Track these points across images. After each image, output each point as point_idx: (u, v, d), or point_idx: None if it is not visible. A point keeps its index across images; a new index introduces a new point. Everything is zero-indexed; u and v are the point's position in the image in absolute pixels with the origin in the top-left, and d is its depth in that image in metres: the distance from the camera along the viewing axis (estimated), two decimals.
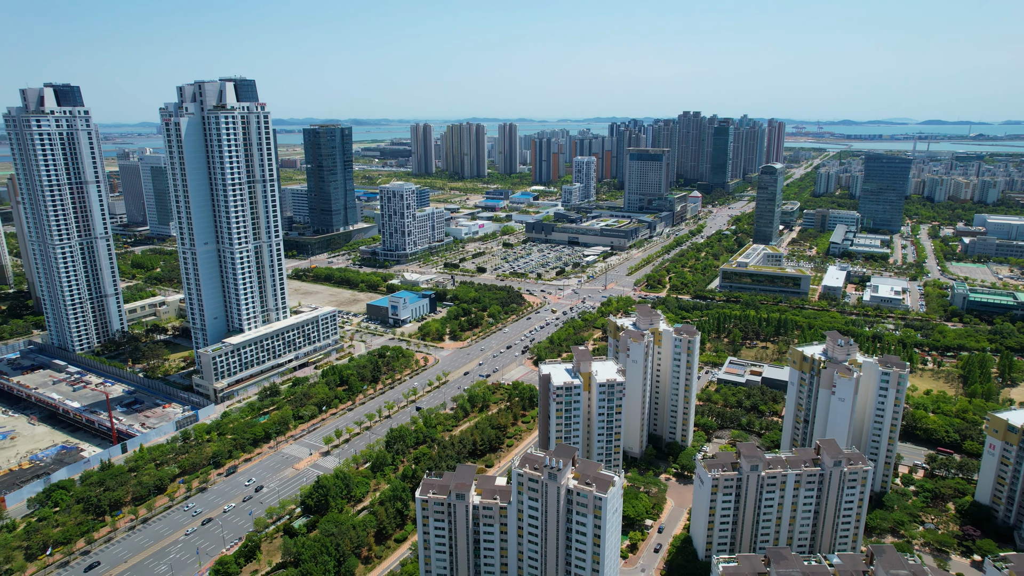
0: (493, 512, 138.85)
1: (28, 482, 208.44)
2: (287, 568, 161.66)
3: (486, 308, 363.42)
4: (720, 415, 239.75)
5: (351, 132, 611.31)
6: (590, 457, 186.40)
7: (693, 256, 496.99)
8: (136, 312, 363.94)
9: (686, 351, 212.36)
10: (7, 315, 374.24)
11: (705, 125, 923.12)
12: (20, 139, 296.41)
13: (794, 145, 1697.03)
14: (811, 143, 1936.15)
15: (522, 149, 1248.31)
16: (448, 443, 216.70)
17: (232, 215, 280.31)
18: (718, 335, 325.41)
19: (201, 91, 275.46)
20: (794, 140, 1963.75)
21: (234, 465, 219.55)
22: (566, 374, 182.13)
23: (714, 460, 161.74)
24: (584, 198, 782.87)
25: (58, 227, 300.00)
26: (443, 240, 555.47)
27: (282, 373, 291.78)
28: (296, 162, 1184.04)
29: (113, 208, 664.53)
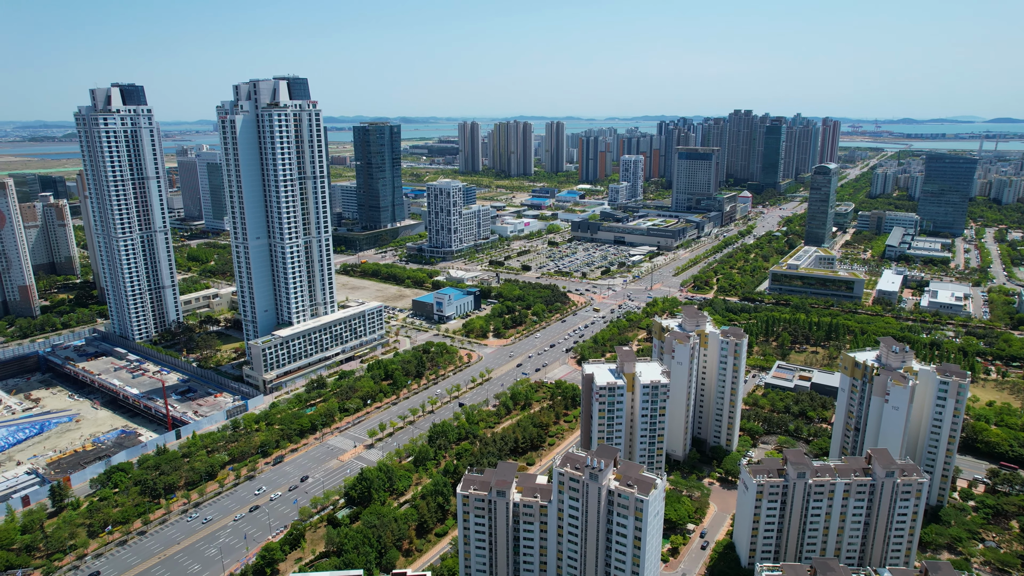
0: (533, 510, 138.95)
1: (91, 463, 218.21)
2: (330, 557, 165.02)
3: (530, 306, 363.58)
4: (767, 420, 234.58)
5: (400, 130, 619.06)
6: (632, 459, 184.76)
7: (742, 257, 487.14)
8: (191, 304, 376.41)
9: (732, 354, 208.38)
10: (74, 304, 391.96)
11: (756, 124, 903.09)
12: (89, 137, 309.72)
13: (849, 145, 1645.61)
14: (868, 142, 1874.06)
15: (569, 148, 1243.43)
16: (490, 440, 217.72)
17: (283, 211, 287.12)
18: (766, 338, 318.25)
19: (256, 89, 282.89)
20: (850, 139, 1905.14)
21: (281, 455, 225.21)
22: (609, 374, 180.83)
23: (759, 466, 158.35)
24: (631, 197, 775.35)
25: (121, 221, 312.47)
26: (488, 238, 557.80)
27: (329, 366, 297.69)
28: (346, 159, 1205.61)
29: (171, 203, 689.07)
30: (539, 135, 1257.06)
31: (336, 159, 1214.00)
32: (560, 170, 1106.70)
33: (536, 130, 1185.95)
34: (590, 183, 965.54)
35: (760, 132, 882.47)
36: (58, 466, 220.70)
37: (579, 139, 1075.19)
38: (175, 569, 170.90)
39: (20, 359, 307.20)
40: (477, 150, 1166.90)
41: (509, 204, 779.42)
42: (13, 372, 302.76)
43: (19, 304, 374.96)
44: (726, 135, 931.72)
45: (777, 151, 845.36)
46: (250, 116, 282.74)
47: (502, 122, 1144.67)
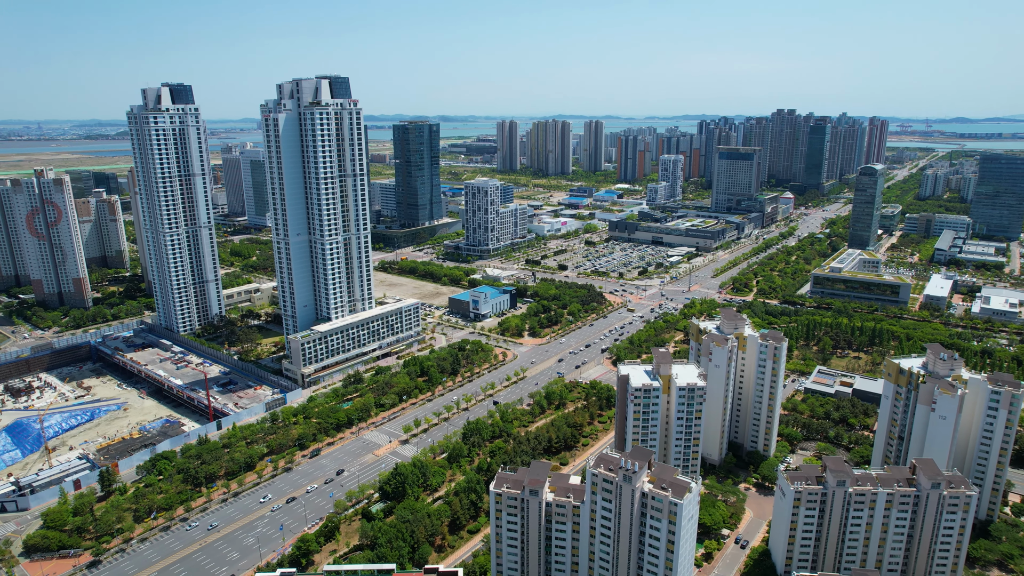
0: (566, 510, 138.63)
1: (137, 451, 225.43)
2: (364, 550, 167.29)
3: (566, 306, 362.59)
4: (806, 426, 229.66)
5: (439, 128, 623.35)
6: (667, 461, 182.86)
7: (783, 259, 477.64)
8: (233, 298, 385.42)
9: (772, 358, 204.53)
10: (123, 296, 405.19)
11: (800, 123, 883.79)
12: (140, 134, 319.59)
13: (898, 145, 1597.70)
14: (917, 142, 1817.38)
15: (607, 147, 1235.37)
16: (524, 439, 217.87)
17: (324, 208, 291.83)
18: (807, 342, 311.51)
19: (298, 88, 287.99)
20: (898, 139, 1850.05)
21: (318, 448, 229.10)
22: (645, 376, 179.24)
23: (797, 472, 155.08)
24: (670, 197, 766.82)
25: (168, 216, 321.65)
26: (525, 236, 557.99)
27: (366, 361, 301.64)
28: (385, 157, 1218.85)
29: (215, 199, 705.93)
30: (577, 134, 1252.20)
31: (376, 157, 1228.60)
32: (598, 169, 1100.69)
33: (575, 129, 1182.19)
34: (628, 183, 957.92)
35: (804, 132, 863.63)
36: (107, 452, 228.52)
37: (618, 138, 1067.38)
38: (215, 556, 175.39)
39: (73, 348, 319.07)
40: (515, 149, 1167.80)
41: (546, 203, 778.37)
42: (67, 361, 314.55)
43: (73, 296, 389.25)
44: (768, 135, 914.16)
45: (821, 151, 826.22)
46: (292, 114, 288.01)
47: (540, 121, 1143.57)
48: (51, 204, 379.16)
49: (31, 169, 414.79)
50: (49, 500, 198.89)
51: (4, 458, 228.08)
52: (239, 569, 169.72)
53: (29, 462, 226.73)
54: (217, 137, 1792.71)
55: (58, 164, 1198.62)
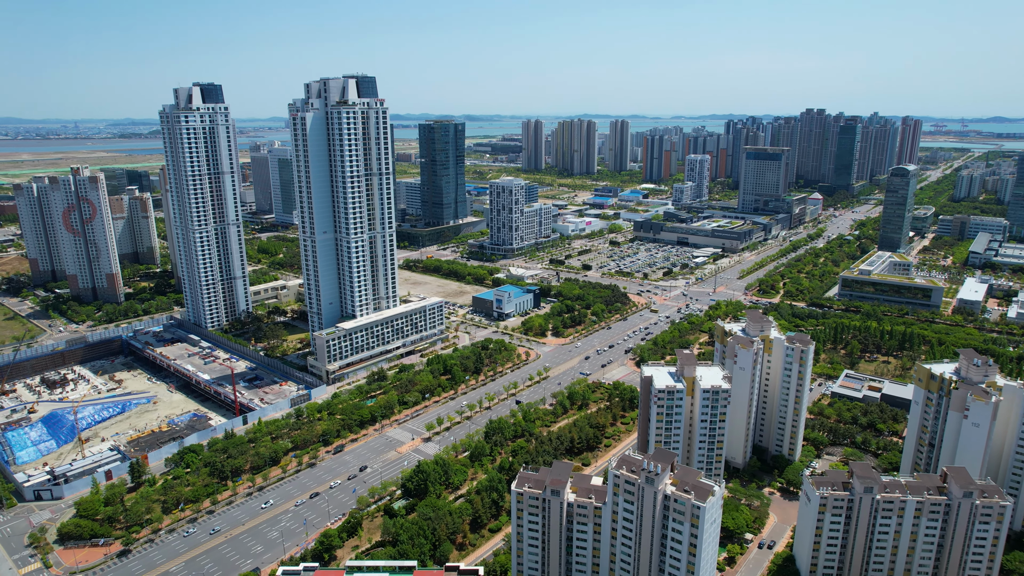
0: (587, 511, 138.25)
1: (166, 443, 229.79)
2: (385, 547, 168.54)
3: (590, 306, 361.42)
4: (832, 431, 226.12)
5: (464, 128, 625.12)
6: (690, 464, 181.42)
7: (810, 261, 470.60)
8: (260, 294, 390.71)
9: (798, 361, 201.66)
10: (154, 292, 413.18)
11: (830, 123, 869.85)
12: (171, 133, 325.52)
13: (932, 145, 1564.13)
14: (952, 143, 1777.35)
15: (633, 146, 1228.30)
16: (546, 438, 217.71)
17: (350, 206, 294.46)
18: (834, 346, 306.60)
19: (326, 88, 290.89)
20: (932, 139, 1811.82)
21: (341, 444, 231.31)
22: (669, 377, 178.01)
23: (823, 477, 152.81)
24: (696, 197, 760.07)
25: (197, 213, 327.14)
26: (549, 236, 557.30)
27: (389, 359, 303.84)
28: (411, 156, 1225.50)
29: (244, 197, 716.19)
30: (603, 134, 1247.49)
31: (401, 156, 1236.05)
32: (624, 169, 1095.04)
33: (600, 128, 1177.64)
34: (654, 183, 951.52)
35: (833, 132, 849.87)
36: (137, 444, 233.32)
37: (644, 138, 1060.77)
38: (240, 549, 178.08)
39: (106, 342, 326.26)
40: (540, 148, 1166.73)
41: (571, 203, 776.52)
42: (100, 354, 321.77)
43: (106, 291, 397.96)
44: (797, 135, 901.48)
45: (851, 152, 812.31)
46: (320, 113, 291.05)
47: (566, 120, 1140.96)
48: (86, 201, 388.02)
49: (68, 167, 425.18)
50: (82, 490, 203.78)
51: (40, 448, 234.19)
52: (263, 562, 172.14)
53: (63, 452, 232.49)
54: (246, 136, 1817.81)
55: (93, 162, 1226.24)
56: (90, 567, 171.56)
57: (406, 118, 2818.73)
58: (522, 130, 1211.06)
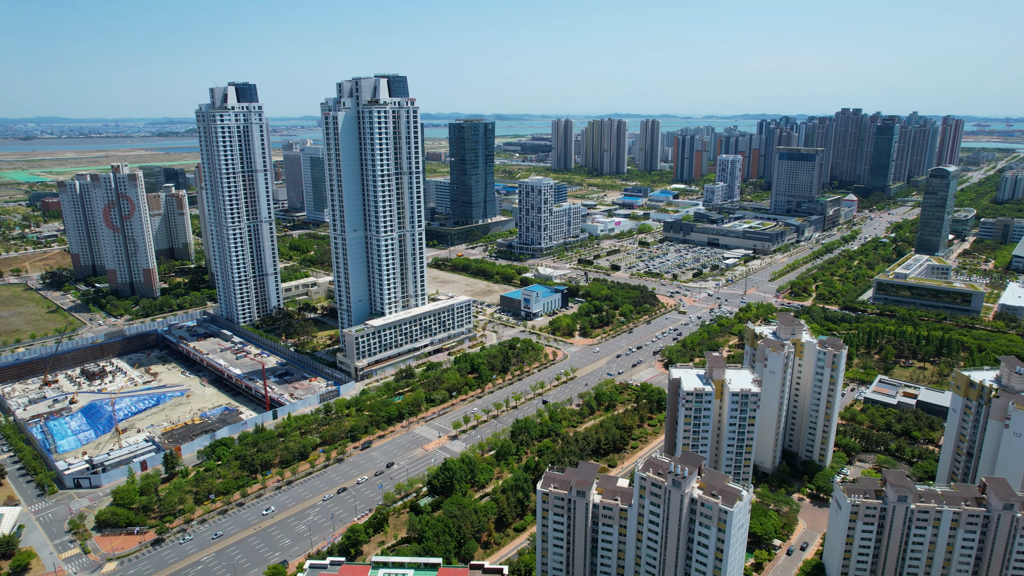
0: (613, 513, 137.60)
1: (198, 436, 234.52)
2: (411, 543, 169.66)
3: (618, 306, 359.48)
4: (865, 437, 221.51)
5: (494, 127, 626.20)
6: (718, 468, 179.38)
7: (844, 264, 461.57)
8: (291, 291, 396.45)
9: (830, 365, 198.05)
10: (188, 287, 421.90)
11: (866, 123, 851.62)
12: (207, 132, 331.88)
13: (974, 145, 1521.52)
14: (996, 143, 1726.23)
15: (664, 146, 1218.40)
16: (572, 439, 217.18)
17: (380, 205, 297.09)
18: (868, 351, 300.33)
19: (357, 87, 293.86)
20: (975, 139, 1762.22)
21: (369, 440, 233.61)
22: (697, 380, 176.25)
23: (855, 485, 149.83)
24: (727, 198, 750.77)
25: (231, 210, 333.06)
26: (578, 236, 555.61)
27: (417, 357, 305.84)
28: (441, 155, 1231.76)
29: (276, 195, 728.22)
30: (633, 133, 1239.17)
31: (431, 155, 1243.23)
32: (654, 169, 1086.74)
33: (630, 128, 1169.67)
34: (685, 183, 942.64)
35: (870, 132, 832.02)
36: (171, 436, 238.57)
37: (675, 138, 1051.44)
38: (269, 541, 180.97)
39: (142, 336, 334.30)
40: (570, 148, 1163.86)
41: (600, 203, 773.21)
42: (136, 347, 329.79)
43: (143, 286, 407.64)
44: (831, 135, 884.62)
45: (888, 152, 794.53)
46: (351, 113, 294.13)
47: (596, 120, 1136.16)
48: (125, 198, 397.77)
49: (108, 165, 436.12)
50: (118, 479, 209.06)
51: (80, 437, 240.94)
52: (291, 555, 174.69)
53: (101, 442, 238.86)
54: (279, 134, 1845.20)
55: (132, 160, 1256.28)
56: (126, 554, 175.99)
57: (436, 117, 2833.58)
58: (552, 129, 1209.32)
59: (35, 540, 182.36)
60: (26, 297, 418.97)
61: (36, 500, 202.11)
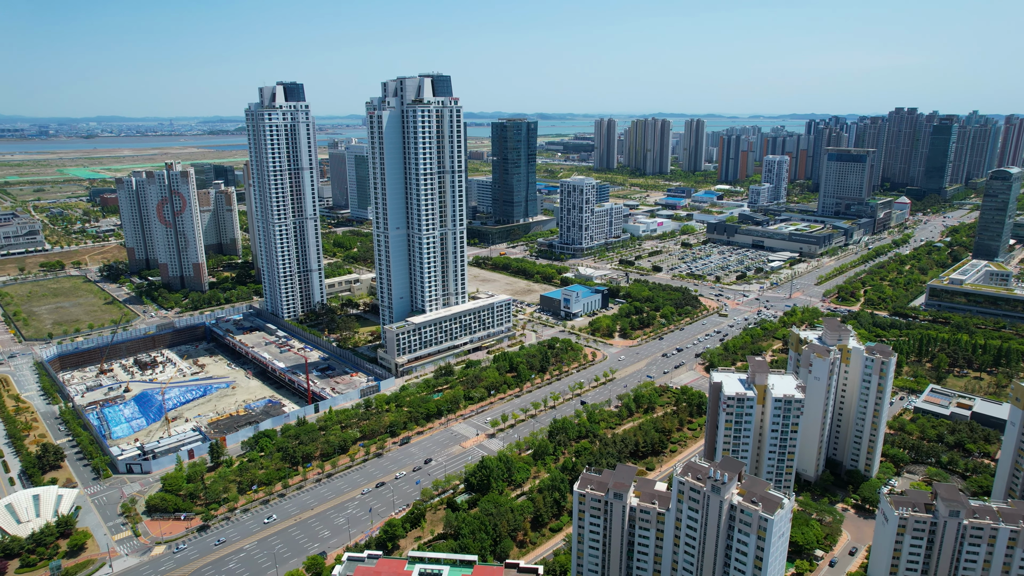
0: (650, 516, 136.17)
1: (242, 427, 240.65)
2: (447, 539, 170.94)
3: (659, 308, 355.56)
4: (915, 448, 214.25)
5: (536, 126, 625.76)
6: (758, 474, 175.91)
7: (895, 268, 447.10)
8: (334, 287, 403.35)
9: (878, 373, 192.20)
10: (235, 282, 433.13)
11: (922, 123, 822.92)
12: (255, 130, 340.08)
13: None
14: None
15: (708, 146, 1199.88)
16: (610, 441, 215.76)
17: (422, 203, 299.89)
18: (919, 359, 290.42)
19: (402, 86, 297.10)
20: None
21: (408, 436, 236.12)
22: (739, 384, 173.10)
23: (903, 497, 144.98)
24: (773, 199, 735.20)
25: (278, 207, 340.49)
26: (620, 236, 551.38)
27: (456, 354, 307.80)
28: (483, 154, 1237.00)
29: (321, 192, 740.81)
30: (677, 133, 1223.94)
31: (474, 154, 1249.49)
32: (698, 169, 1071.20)
33: (674, 128, 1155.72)
34: (729, 184, 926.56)
35: (926, 132, 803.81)
36: (217, 426, 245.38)
37: (720, 137, 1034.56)
38: (308, 532, 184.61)
39: (191, 328, 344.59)
40: (612, 147, 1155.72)
41: (643, 203, 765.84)
42: (185, 339, 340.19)
43: (193, 279, 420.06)
44: (884, 135, 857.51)
45: (945, 153, 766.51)
46: (395, 112, 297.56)
47: (639, 119, 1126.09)
48: (177, 194, 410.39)
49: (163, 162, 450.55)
50: (167, 466, 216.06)
51: (132, 424, 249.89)
52: (330, 546, 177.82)
53: (152, 430, 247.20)
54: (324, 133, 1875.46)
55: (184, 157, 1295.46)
56: (173, 539, 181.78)
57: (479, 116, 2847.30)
58: (595, 129, 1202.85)
59: (90, 521, 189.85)
60: (85, 289, 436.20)
61: (92, 483, 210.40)
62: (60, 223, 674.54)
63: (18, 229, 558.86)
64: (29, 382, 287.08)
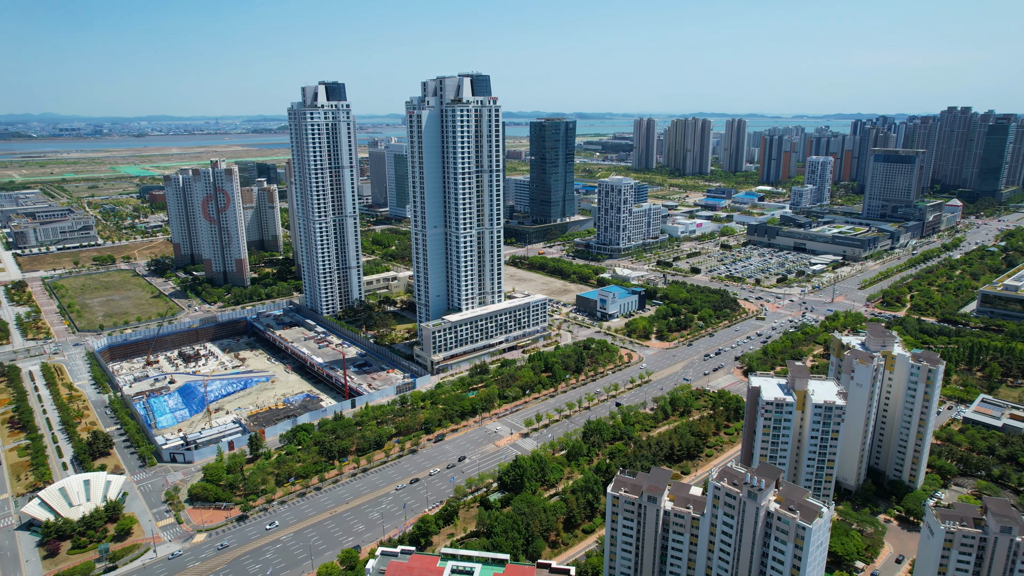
0: (684, 521, 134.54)
1: (281, 420, 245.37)
2: (479, 537, 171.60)
3: (697, 310, 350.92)
4: (963, 460, 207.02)
5: (575, 126, 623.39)
6: (796, 482, 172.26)
7: (944, 273, 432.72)
8: (372, 284, 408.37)
9: (924, 381, 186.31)
10: (276, 278, 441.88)
11: (976, 123, 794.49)
12: (298, 129, 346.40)
13: None
14: None
15: (750, 147, 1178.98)
16: (645, 443, 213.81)
17: (460, 202, 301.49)
18: (968, 367, 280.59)
19: (441, 86, 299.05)
20: None
21: (442, 433, 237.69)
22: (778, 389, 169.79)
23: (951, 510, 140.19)
24: (816, 201, 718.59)
25: (318, 205, 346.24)
26: (658, 237, 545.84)
27: (492, 353, 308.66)
28: (521, 153, 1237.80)
29: (360, 190, 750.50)
30: (718, 133, 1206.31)
31: (512, 153, 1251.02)
32: (739, 170, 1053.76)
33: (715, 128, 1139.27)
34: (771, 185, 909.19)
35: (980, 132, 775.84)
36: (256, 419, 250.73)
37: (762, 138, 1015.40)
38: (343, 525, 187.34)
39: (233, 323, 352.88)
40: (652, 147, 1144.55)
41: (682, 203, 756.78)
42: (227, 333, 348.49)
43: (235, 275, 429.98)
44: (935, 136, 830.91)
45: (1001, 154, 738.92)
46: (435, 111, 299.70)
47: (679, 119, 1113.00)
48: (222, 191, 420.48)
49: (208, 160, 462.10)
50: (208, 456, 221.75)
51: (176, 415, 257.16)
52: (364, 540, 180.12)
53: (194, 421, 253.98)
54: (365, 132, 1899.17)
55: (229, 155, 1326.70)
56: (213, 527, 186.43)
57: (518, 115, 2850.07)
58: (634, 128, 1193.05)
59: (136, 507, 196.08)
60: (134, 283, 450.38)
61: (138, 470, 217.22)
62: (112, 219, 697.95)
63: (73, 224, 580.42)
64: (81, 371, 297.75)
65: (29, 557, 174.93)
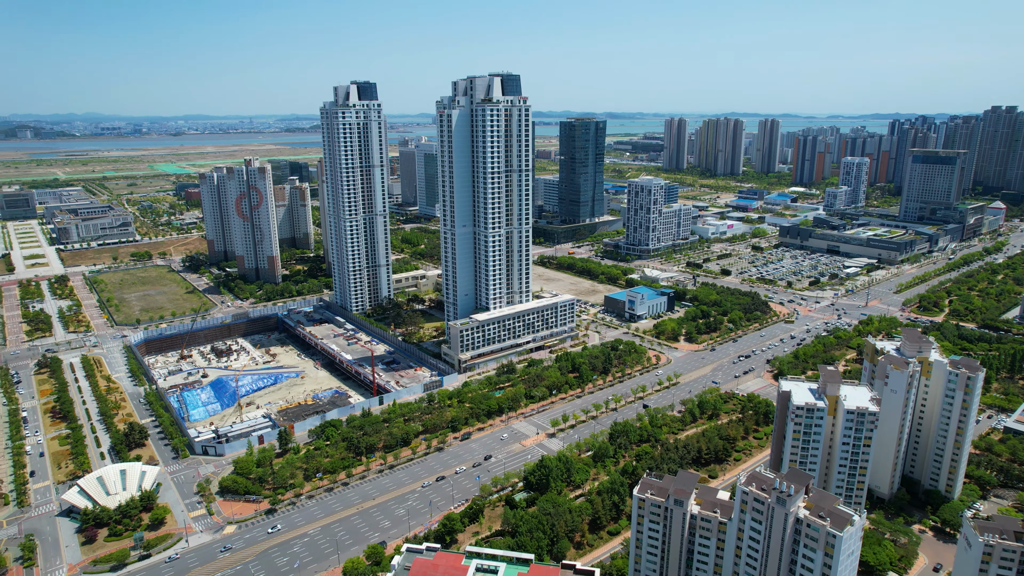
0: (711, 525, 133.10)
1: (310, 416, 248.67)
2: (504, 536, 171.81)
3: (727, 312, 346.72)
4: (1004, 471, 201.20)
5: (605, 126, 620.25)
6: (827, 488, 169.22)
7: (985, 278, 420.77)
8: (400, 283, 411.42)
9: (963, 388, 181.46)
10: (307, 275, 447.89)
11: (1022, 122, 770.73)
12: (329, 128, 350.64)
13: None
14: None
15: (783, 147, 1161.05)
16: (672, 446, 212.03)
17: (489, 201, 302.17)
18: (1011, 375, 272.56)
19: (472, 85, 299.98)
20: None
21: (469, 432, 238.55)
22: (809, 394, 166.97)
23: (990, 523, 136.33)
24: (851, 203, 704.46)
25: (349, 203, 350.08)
26: (688, 238, 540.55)
27: (519, 353, 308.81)
28: (551, 153, 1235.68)
29: (391, 189, 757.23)
30: (750, 133, 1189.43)
31: (541, 153, 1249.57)
32: (771, 171, 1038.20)
33: (747, 128, 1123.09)
34: (804, 186, 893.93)
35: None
36: (285, 414, 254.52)
37: (795, 138, 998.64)
38: (369, 521, 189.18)
39: (264, 319, 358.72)
40: (682, 147, 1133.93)
41: (712, 204, 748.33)
42: (258, 329, 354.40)
43: (267, 272, 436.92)
44: (977, 136, 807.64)
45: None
46: (465, 111, 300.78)
47: (711, 119, 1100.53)
48: (255, 189, 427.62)
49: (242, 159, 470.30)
50: (239, 450, 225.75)
51: (208, 409, 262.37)
52: (389, 537, 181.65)
53: (226, 415, 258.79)
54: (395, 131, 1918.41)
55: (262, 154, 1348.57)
56: (243, 519, 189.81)
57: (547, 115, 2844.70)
58: (664, 128, 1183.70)
59: (169, 497, 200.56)
60: (169, 278, 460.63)
61: (171, 462, 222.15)
62: (149, 215, 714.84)
63: (113, 221, 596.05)
64: (119, 364, 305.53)
65: (69, 543, 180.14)
